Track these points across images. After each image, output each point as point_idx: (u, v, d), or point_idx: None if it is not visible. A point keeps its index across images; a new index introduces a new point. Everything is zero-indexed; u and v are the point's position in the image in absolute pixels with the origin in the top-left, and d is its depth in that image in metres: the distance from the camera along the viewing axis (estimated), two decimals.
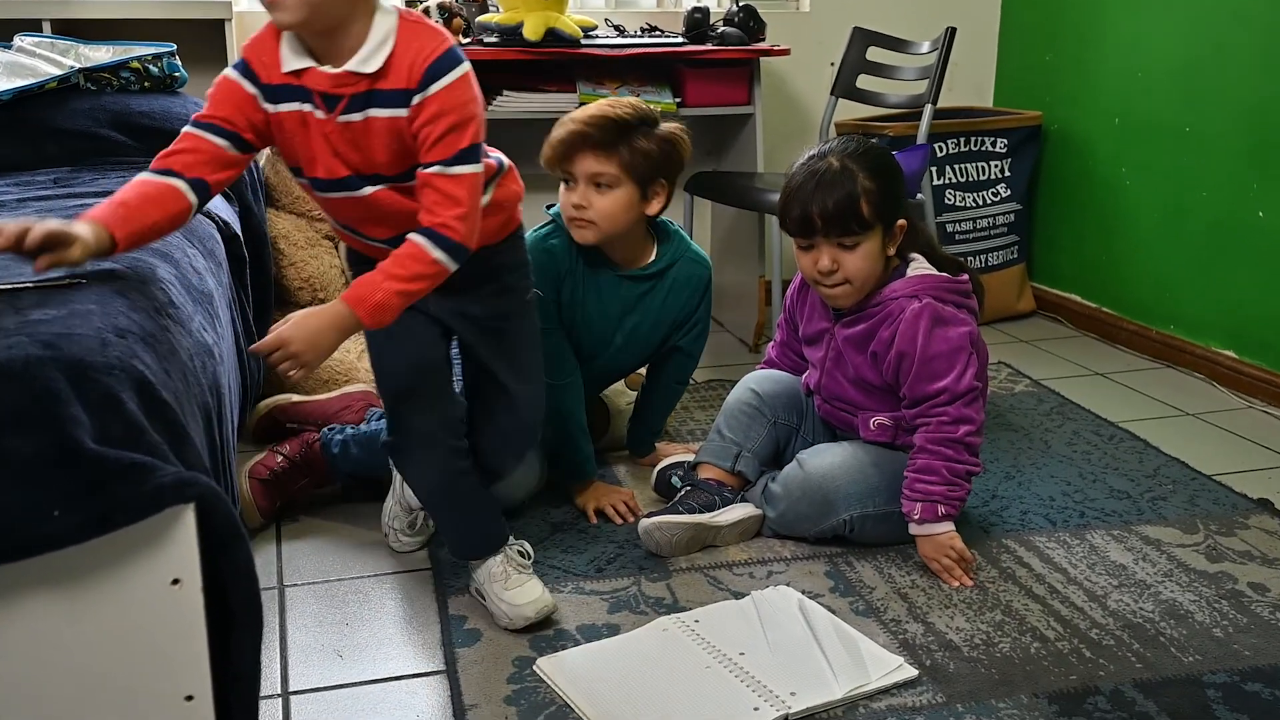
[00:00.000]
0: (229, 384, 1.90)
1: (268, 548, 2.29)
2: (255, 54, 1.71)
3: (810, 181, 2.16)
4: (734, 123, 3.64)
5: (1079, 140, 3.85)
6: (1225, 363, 3.28)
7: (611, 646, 1.93)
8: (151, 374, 1.40)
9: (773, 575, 2.19)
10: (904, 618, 2.05)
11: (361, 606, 2.09)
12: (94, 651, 1.30)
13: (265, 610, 1.43)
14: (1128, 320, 3.67)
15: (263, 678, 1.69)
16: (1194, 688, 1.84)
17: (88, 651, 1.30)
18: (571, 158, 2.29)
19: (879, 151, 2.22)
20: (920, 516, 2.17)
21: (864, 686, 1.82)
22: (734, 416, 2.43)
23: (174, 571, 1.31)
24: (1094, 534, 2.36)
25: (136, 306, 1.55)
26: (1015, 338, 3.79)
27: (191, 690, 1.35)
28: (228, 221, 2.37)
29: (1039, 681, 1.86)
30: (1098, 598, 2.11)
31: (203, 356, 1.68)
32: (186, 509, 1.30)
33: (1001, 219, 3.95)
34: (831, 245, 2.17)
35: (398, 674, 1.89)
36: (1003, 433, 2.90)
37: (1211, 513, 2.46)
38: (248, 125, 1.71)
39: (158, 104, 2.78)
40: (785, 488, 2.29)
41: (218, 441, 1.64)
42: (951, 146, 3.84)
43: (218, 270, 2.14)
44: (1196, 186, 3.36)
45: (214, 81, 1.73)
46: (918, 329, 2.16)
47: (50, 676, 1.29)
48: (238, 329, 2.26)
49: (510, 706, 1.79)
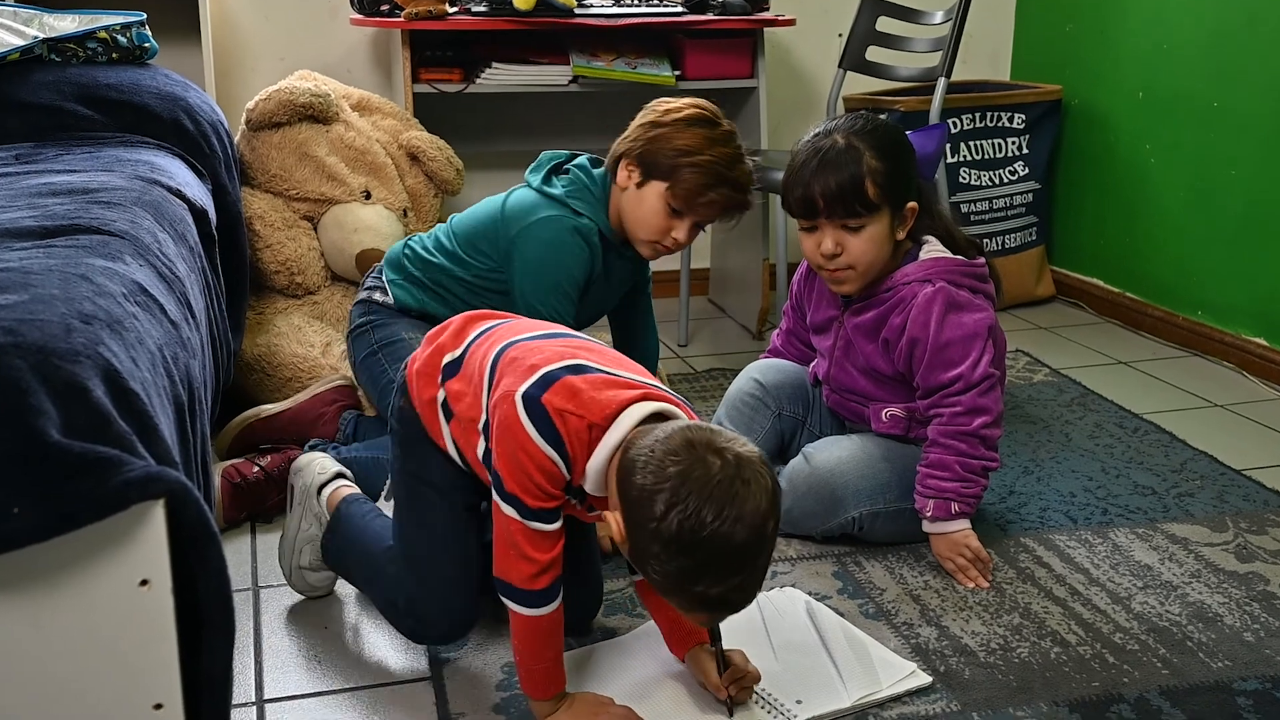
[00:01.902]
0: (202, 374, 1.89)
1: (241, 547, 2.29)
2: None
3: (813, 160, 2.15)
4: (736, 97, 3.63)
5: (1101, 116, 3.84)
6: (1256, 351, 3.28)
7: (605, 651, 1.93)
8: (119, 362, 1.38)
9: (777, 576, 2.18)
10: (917, 621, 2.04)
11: (341, 610, 2.08)
12: (56, 657, 1.29)
13: (239, 613, 1.42)
14: (1153, 306, 3.66)
15: (236, 685, 1.69)
16: (1224, 695, 1.84)
17: (50, 657, 1.29)
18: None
19: (888, 129, 2.21)
20: (933, 514, 2.16)
21: (874, 694, 1.82)
22: (736, 408, 2.42)
23: (142, 572, 1.30)
24: (1117, 532, 2.35)
25: (103, 292, 1.54)
26: (1034, 324, 3.78)
27: (160, 698, 1.33)
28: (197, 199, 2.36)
29: (1059, 689, 1.86)
30: (1121, 600, 2.11)
31: (174, 345, 1.67)
32: (155, 505, 1.29)
33: (1019, 199, 3.95)
34: (835, 228, 2.16)
35: (380, 681, 1.88)
36: (1021, 425, 2.89)
37: (1242, 510, 2.45)
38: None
39: (126, 76, 2.76)
40: (791, 484, 2.28)
41: (189, 435, 1.63)
42: (966, 122, 3.82)
43: (189, 255, 2.13)
44: (1225, 165, 3.35)
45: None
46: (930, 314, 2.15)
47: (9, 684, 1.28)
48: (212, 315, 2.24)
49: (499, 715, 1.78)
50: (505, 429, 1.64)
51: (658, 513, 1.49)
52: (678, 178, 2.29)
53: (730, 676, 1.76)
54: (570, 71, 3.39)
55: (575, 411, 1.62)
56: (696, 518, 1.47)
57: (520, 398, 1.63)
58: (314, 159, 2.97)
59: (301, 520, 2.07)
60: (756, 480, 1.52)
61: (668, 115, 2.32)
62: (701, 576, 1.51)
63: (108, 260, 1.67)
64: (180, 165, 2.52)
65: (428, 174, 3.20)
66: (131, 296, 1.61)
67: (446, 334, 1.88)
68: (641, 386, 1.67)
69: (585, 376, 1.66)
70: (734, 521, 1.48)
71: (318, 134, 3.00)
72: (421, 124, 3.28)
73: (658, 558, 1.52)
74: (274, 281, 2.93)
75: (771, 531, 1.53)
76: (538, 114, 3.74)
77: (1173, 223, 3.57)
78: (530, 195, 2.41)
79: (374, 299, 2.49)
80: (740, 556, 1.50)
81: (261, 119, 2.96)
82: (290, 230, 2.95)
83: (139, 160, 2.39)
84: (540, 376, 1.65)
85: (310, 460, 2.13)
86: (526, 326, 1.83)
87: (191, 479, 1.54)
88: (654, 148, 2.31)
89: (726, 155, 2.29)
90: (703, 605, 1.56)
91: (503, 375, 1.70)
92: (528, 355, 1.71)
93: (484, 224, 2.44)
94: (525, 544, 1.65)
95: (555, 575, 1.67)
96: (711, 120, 2.32)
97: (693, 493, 1.48)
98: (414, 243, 2.53)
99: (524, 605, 1.67)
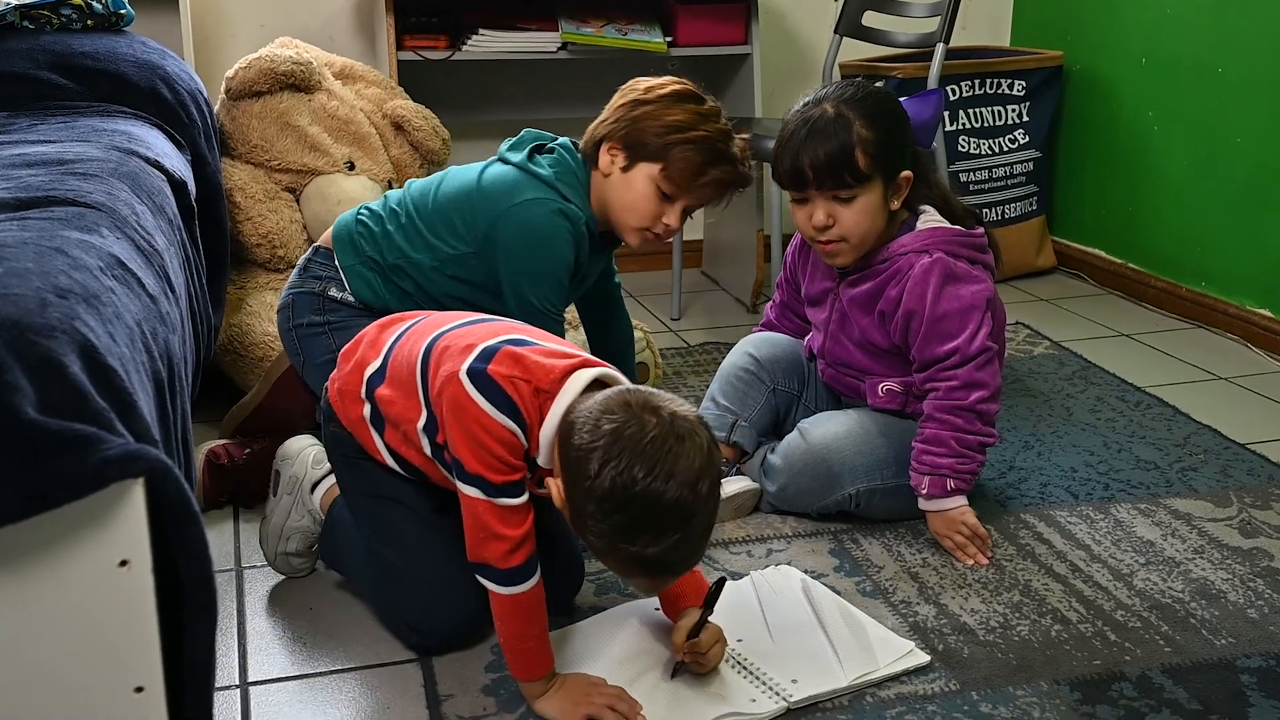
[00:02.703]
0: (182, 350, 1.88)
1: (224, 527, 2.29)
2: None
3: (802, 130, 2.14)
4: (729, 64, 3.61)
5: (1103, 82, 3.83)
6: (1261, 322, 3.28)
7: (597, 631, 1.93)
8: (96, 338, 1.38)
9: (773, 554, 2.19)
10: (915, 599, 2.05)
11: (326, 590, 2.08)
12: (34, 640, 1.28)
13: (221, 594, 1.42)
14: (1155, 277, 3.66)
15: (219, 667, 1.69)
16: (1227, 673, 1.85)
17: (27, 640, 1.28)
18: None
19: (880, 95, 2.20)
20: (928, 491, 2.16)
21: (871, 673, 1.82)
22: (729, 383, 2.42)
23: (121, 552, 1.29)
24: (1119, 508, 2.36)
25: (79, 265, 1.53)
26: (1034, 296, 3.78)
27: (141, 681, 1.33)
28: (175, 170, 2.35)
29: (1060, 667, 1.86)
30: (1123, 576, 2.11)
31: (152, 320, 1.66)
32: (135, 484, 1.28)
33: (1019, 168, 3.94)
34: (826, 199, 2.15)
35: (367, 663, 1.88)
36: (1021, 399, 2.89)
37: (1246, 484, 2.46)
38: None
39: (102, 44, 2.74)
40: (786, 460, 2.28)
41: (169, 412, 1.63)
42: (965, 89, 3.81)
43: (168, 227, 2.12)
44: (1230, 132, 3.34)
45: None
46: (927, 286, 2.14)
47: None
48: (192, 290, 2.24)
49: (489, 697, 1.78)
50: (457, 410, 1.66)
51: (592, 471, 1.54)
52: (670, 157, 2.16)
53: (692, 648, 1.79)
54: (559, 38, 3.37)
55: (522, 377, 1.65)
56: (629, 474, 1.52)
57: (465, 374, 1.66)
58: (296, 129, 2.96)
59: (292, 511, 2.07)
60: (691, 438, 1.56)
61: (651, 92, 2.20)
62: (636, 535, 1.54)
63: (84, 233, 1.67)
64: (158, 135, 2.51)
65: (413, 144, 3.18)
66: (109, 270, 1.60)
67: (362, 347, 1.91)
68: (581, 356, 1.71)
69: (525, 348, 1.69)
70: (666, 478, 1.52)
71: (299, 103, 2.98)
72: (406, 92, 3.26)
73: (593, 517, 1.56)
74: (255, 255, 2.92)
75: (707, 491, 1.56)
76: (526, 82, 3.72)
77: (1176, 192, 3.56)
78: (513, 173, 2.24)
79: (329, 294, 2.25)
80: (673, 514, 1.54)
81: (242, 88, 2.94)
82: (272, 202, 2.93)
83: (115, 130, 2.38)
84: (481, 350, 1.68)
85: (300, 449, 2.12)
86: (447, 319, 1.85)
87: (172, 457, 1.53)
88: (640, 127, 2.17)
89: (720, 130, 2.19)
90: (640, 566, 1.59)
91: (438, 365, 1.72)
92: (460, 339, 1.74)
93: (457, 199, 2.24)
94: (495, 523, 1.66)
95: (530, 551, 1.69)
96: (698, 96, 2.21)
97: (625, 449, 1.53)
98: (365, 215, 2.30)
99: (503, 584, 1.68)
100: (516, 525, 1.68)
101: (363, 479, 1.92)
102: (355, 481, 1.94)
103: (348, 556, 2.02)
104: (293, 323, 2.28)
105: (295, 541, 2.07)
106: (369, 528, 1.92)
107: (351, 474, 1.94)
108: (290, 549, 2.07)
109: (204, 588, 1.36)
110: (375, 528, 1.91)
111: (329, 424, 1.94)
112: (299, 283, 2.29)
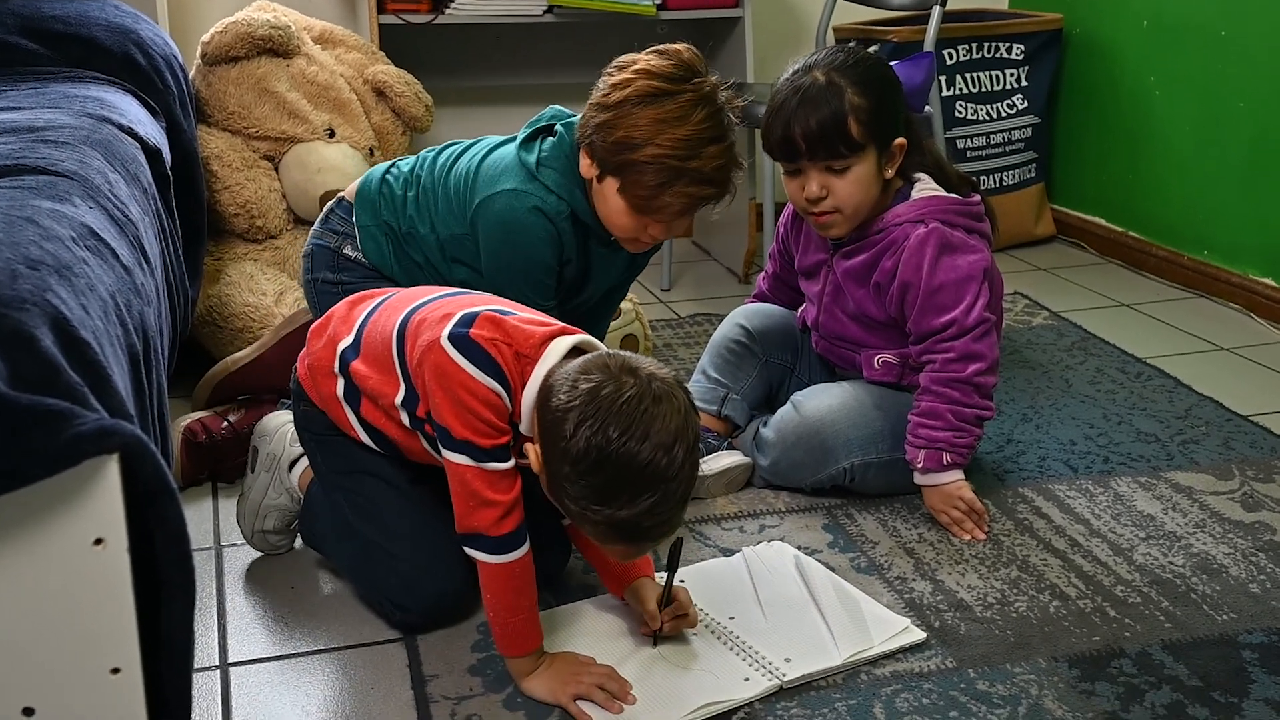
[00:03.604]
0: (157, 323, 1.87)
1: (203, 504, 2.28)
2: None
3: (793, 99, 2.13)
4: (720, 28, 3.60)
5: (1104, 46, 3.82)
6: (1264, 292, 3.28)
7: (587, 609, 1.93)
8: (68, 310, 1.37)
9: (765, 530, 2.19)
10: (910, 575, 2.05)
11: (308, 569, 2.08)
12: (7, 620, 1.28)
13: (200, 573, 1.42)
14: (1157, 245, 3.66)
15: (198, 648, 1.69)
16: (1228, 649, 1.85)
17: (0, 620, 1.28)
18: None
19: (872, 62, 2.19)
20: (924, 465, 2.17)
21: (866, 651, 1.83)
22: (720, 355, 2.42)
23: (96, 530, 1.29)
24: (1119, 481, 2.36)
25: (50, 235, 1.52)
26: (1033, 265, 3.78)
27: (118, 662, 1.33)
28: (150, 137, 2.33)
29: (1058, 643, 1.87)
30: (1123, 551, 2.12)
31: (127, 292, 1.66)
32: (109, 460, 1.28)
33: (1018, 134, 3.93)
34: (819, 169, 2.15)
35: (350, 643, 1.88)
36: (1019, 370, 2.89)
37: (1248, 457, 2.46)
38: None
39: (73, 7, 2.72)
40: (779, 433, 2.28)
41: (145, 386, 1.62)
42: (962, 53, 3.80)
43: (143, 197, 2.11)
44: (1233, 97, 3.34)
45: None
46: (923, 256, 2.14)
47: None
48: (168, 261, 2.23)
49: (475, 677, 1.78)
50: (441, 377, 1.67)
51: (568, 431, 1.56)
52: (626, 178, 2.04)
53: (671, 613, 1.80)
54: (546, 1, 3.35)
55: (504, 340, 1.67)
56: (603, 434, 1.54)
57: (447, 339, 1.67)
58: (274, 95, 2.94)
59: (270, 488, 2.07)
60: (668, 400, 1.58)
61: (613, 94, 2.03)
62: (610, 498, 1.56)
63: (55, 202, 1.66)
64: (132, 102, 2.49)
65: (395, 110, 3.17)
66: (81, 240, 1.59)
67: (333, 323, 1.92)
68: (559, 324, 1.73)
69: (504, 315, 1.71)
70: (641, 439, 1.54)
71: (278, 68, 2.97)
72: (388, 57, 3.24)
73: (568, 479, 1.57)
74: (233, 225, 2.91)
75: (683, 455, 1.58)
76: (512, 46, 3.70)
77: (1178, 158, 3.56)
78: (508, 157, 2.17)
79: (344, 252, 2.26)
80: (648, 476, 1.55)
81: (218, 53, 2.92)
82: (250, 171, 2.92)
83: (88, 97, 2.36)
84: (460, 317, 1.70)
85: (279, 426, 2.12)
86: (420, 294, 1.86)
87: (148, 432, 1.53)
88: (601, 139, 2.04)
89: (684, 139, 2.00)
90: (616, 531, 1.60)
91: (416, 337, 1.73)
92: (436, 310, 1.75)
93: (459, 177, 2.20)
94: (484, 488, 1.67)
95: (520, 518, 1.70)
96: (667, 91, 2.01)
97: (601, 409, 1.55)
98: (392, 176, 2.26)
99: (495, 553, 1.69)
100: (506, 490, 1.68)
101: (336, 456, 1.93)
102: (329, 459, 1.94)
103: (328, 541, 2.02)
104: (311, 274, 2.31)
105: (273, 519, 2.07)
106: (346, 505, 1.92)
107: (324, 452, 1.95)
108: (268, 527, 2.07)
109: (181, 566, 1.36)
110: (352, 505, 1.91)
111: (299, 402, 1.95)
112: (320, 233, 2.31)
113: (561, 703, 1.71)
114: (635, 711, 1.69)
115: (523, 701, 1.72)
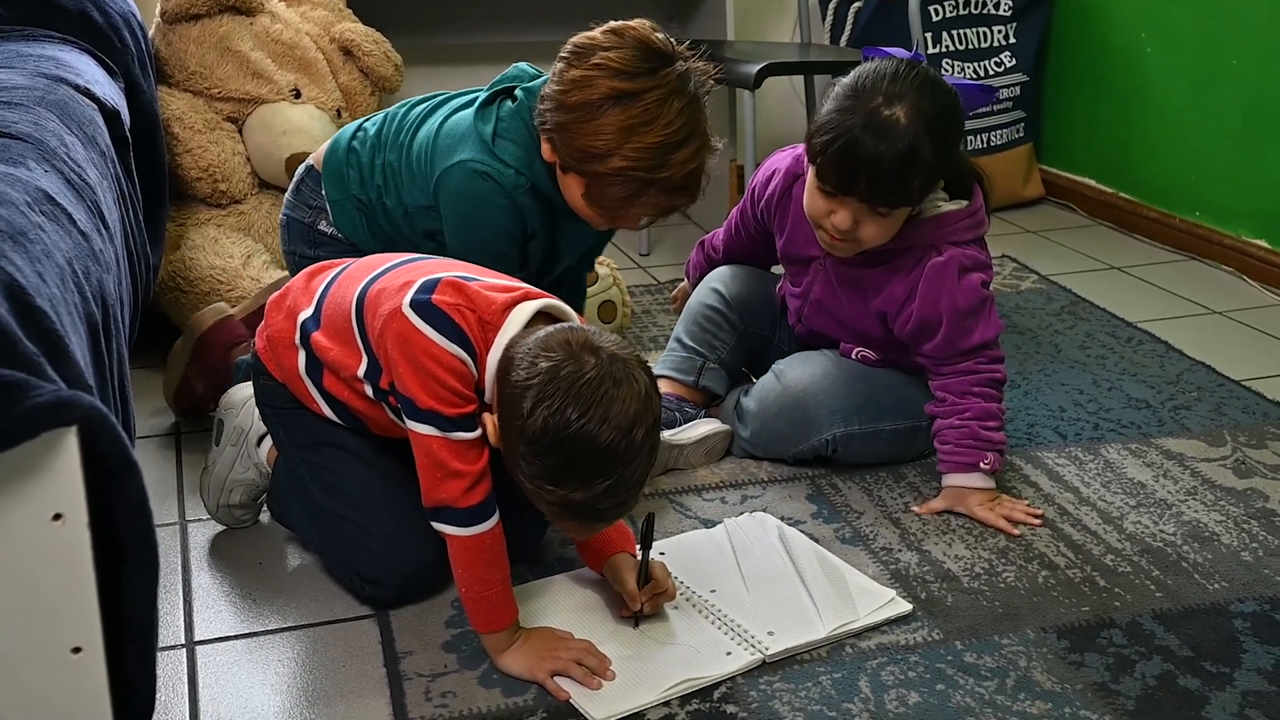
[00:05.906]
0: (117, 291, 1.86)
1: (166, 478, 2.27)
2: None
3: (868, 134, 1.98)
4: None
5: (1094, 1, 3.81)
6: (1257, 254, 3.29)
7: (564, 584, 1.93)
8: (23, 278, 1.36)
9: (748, 500, 2.19)
10: (896, 546, 2.06)
11: (276, 544, 2.08)
12: None
13: (164, 549, 1.41)
14: (1148, 207, 3.67)
15: (162, 626, 1.68)
16: (1220, 618, 1.87)
17: None
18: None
19: (948, 101, 2.06)
20: (990, 466, 2.15)
21: (851, 624, 1.83)
22: (696, 323, 2.40)
23: (55, 505, 1.28)
24: (1109, 448, 2.37)
25: (3, 200, 1.51)
26: (1021, 228, 3.79)
27: (79, 641, 1.32)
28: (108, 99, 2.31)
29: (1047, 614, 1.88)
30: (1113, 520, 2.13)
31: (85, 259, 1.64)
32: (68, 433, 1.27)
33: (1006, 93, 3.93)
34: (861, 207, 2.05)
35: (321, 619, 1.88)
36: (1007, 335, 2.89)
37: (1240, 422, 2.48)
38: None
39: None
40: (760, 403, 2.28)
41: (105, 356, 1.61)
42: (949, 9, 3.80)
43: (101, 160, 2.09)
44: (1226, 54, 3.34)
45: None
46: (943, 289, 2.12)
47: None
48: (128, 227, 2.21)
49: (449, 654, 1.78)
50: (404, 345, 1.66)
51: (525, 410, 1.57)
52: (591, 186, 2.01)
53: (650, 590, 1.81)
54: None
55: (467, 305, 1.67)
56: (561, 415, 1.55)
57: (409, 306, 1.66)
58: (237, 54, 2.92)
59: (236, 463, 2.07)
60: (629, 383, 1.58)
61: (573, 94, 1.96)
62: (566, 479, 1.57)
63: (9, 166, 1.64)
64: (89, 61, 2.47)
65: (363, 70, 3.15)
66: (36, 205, 1.58)
67: (292, 295, 1.91)
68: (524, 287, 1.73)
69: (467, 280, 1.71)
70: (600, 422, 1.55)
71: (241, 26, 2.94)
72: (355, 15, 3.22)
73: (524, 457, 1.59)
74: (196, 190, 2.89)
75: (642, 438, 1.59)
76: (482, 3, 3.68)
77: (1170, 117, 3.56)
78: (464, 124, 2.11)
79: (319, 227, 2.25)
80: (605, 459, 1.56)
81: (178, 10, 2.90)
82: (213, 133, 2.90)
83: (42, 56, 2.33)
84: (421, 283, 1.69)
85: (245, 399, 2.10)
86: (378, 262, 1.85)
87: (108, 404, 1.52)
88: (562, 139, 1.99)
89: (652, 148, 1.94)
90: (568, 511, 1.62)
91: (376, 307, 1.73)
92: (397, 278, 1.75)
93: (421, 144, 2.15)
94: (451, 459, 1.67)
95: (488, 488, 1.70)
96: (631, 92, 1.93)
97: (560, 389, 1.56)
98: (358, 141, 2.22)
99: (463, 525, 1.69)
100: (473, 460, 1.68)
101: (299, 430, 1.92)
102: (291, 434, 1.94)
103: (298, 518, 2.02)
104: (288, 247, 2.31)
105: (239, 494, 2.06)
106: (311, 480, 1.92)
107: (286, 427, 1.94)
108: (234, 501, 2.07)
109: (144, 542, 1.35)
110: (318, 479, 1.91)
111: (259, 377, 1.94)
112: (293, 204, 2.31)
113: (539, 679, 1.71)
114: (614, 687, 1.69)
115: (499, 678, 1.72)
